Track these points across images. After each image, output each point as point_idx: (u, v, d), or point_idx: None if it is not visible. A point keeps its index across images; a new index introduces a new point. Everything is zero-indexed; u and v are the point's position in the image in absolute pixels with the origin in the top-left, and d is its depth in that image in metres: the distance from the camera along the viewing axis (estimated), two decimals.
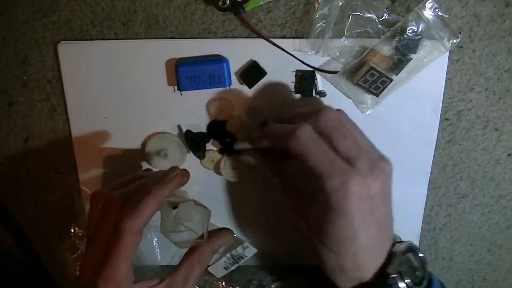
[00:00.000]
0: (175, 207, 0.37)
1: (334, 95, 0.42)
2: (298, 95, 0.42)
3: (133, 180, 0.38)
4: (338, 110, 0.35)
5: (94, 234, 0.34)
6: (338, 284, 0.34)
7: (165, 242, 0.47)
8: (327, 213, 0.32)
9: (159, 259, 0.49)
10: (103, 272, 0.32)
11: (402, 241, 0.35)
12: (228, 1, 0.38)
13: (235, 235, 0.43)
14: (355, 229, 0.32)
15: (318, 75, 0.41)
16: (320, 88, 0.42)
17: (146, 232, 0.45)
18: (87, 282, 0.34)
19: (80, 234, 0.47)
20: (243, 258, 0.48)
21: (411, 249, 0.35)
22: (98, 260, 0.33)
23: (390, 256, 0.34)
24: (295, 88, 0.42)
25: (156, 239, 0.47)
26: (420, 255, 0.35)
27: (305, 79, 0.41)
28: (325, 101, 0.42)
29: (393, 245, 0.35)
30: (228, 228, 0.42)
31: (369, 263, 0.33)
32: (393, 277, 0.33)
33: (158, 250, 0.48)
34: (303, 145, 0.33)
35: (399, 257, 0.33)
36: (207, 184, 0.45)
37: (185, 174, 0.40)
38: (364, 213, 0.32)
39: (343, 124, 0.33)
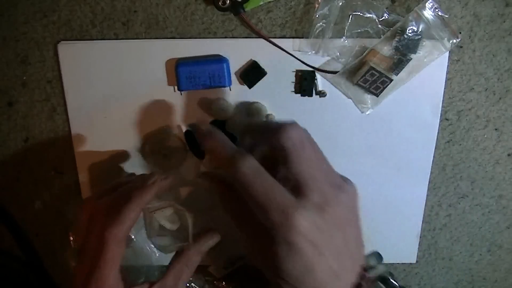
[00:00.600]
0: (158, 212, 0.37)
1: (334, 95, 0.42)
2: (298, 95, 0.42)
3: (118, 186, 0.38)
4: (301, 128, 0.33)
5: (83, 244, 0.35)
6: None
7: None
8: (276, 248, 0.31)
9: (157, 259, 0.48)
10: (92, 282, 0.33)
11: (373, 268, 0.34)
12: (228, 1, 0.38)
13: (219, 238, 0.43)
14: (309, 262, 0.31)
15: (318, 75, 0.41)
16: (320, 88, 0.42)
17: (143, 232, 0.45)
18: None
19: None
20: (243, 258, 0.48)
21: (382, 277, 0.34)
22: (88, 269, 0.33)
23: (357, 286, 0.33)
24: (295, 88, 0.42)
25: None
26: (393, 282, 0.34)
27: (305, 79, 0.41)
28: (325, 101, 0.42)
29: (361, 275, 0.33)
30: (213, 230, 0.42)
31: None
32: None
33: (156, 250, 0.48)
34: (244, 177, 0.31)
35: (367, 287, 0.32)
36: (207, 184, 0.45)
37: (167, 177, 0.38)
38: (315, 245, 0.30)
39: (301, 145, 0.32)
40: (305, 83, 0.41)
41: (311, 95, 0.42)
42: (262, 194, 0.30)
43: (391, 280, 0.34)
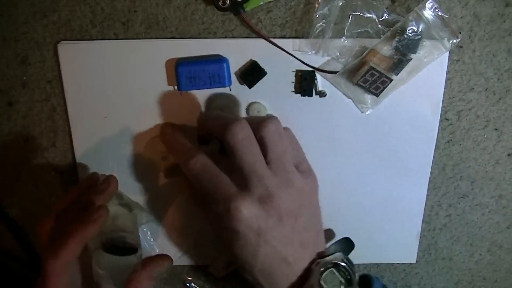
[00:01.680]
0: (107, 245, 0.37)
1: (334, 95, 0.42)
2: (298, 95, 0.42)
3: (73, 197, 0.38)
4: (261, 122, 0.35)
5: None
6: None
7: (165, 242, 0.47)
8: (224, 233, 0.34)
9: None
10: None
11: (328, 255, 0.36)
12: (228, 1, 0.38)
13: (173, 263, 0.43)
14: (254, 247, 0.33)
15: (318, 75, 0.41)
16: (320, 88, 0.42)
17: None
18: None
19: None
20: None
21: (335, 264, 0.35)
22: None
23: (308, 272, 0.35)
24: (295, 88, 0.42)
25: (152, 239, 0.47)
26: (342, 264, 0.35)
27: (305, 79, 0.41)
28: (325, 101, 0.42)
29: (314, 261, 0.35)
30: (166, 255, 0.43)
31: (281, 279, 0.35)
32: None
33: (157, 250, 0.48)
34: (194, 175, 0.35)
35: (317, 273, 0.34)
36: None
37: (105, 213, 0.36)
38: (257, 233, 0.33)
39: (246, 144, 0.34)
40: (305, 83, 0.41)
41: (311, 95, 0.42)
42: (210, 187, 0.34)
43: (344, 265, 0.35)
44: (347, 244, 0.39)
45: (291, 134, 0.39)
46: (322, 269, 0.35)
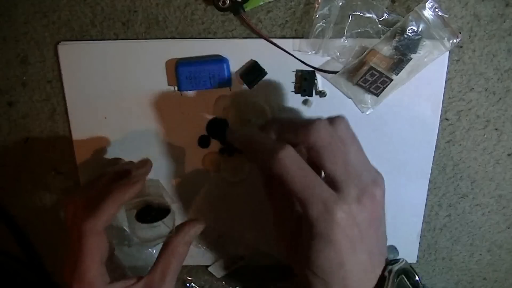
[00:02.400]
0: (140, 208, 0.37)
1: (334, 95, 0.42)
2: (298, 95, 0.42)
3: (102, 177, 0.38)
4: (334, 120, 0.33)
5: (69, 239, 0.35)
6: None
7: None
8: (312, 241, 0.31)
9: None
10: (75, 274, 0.33)
11: (396, 261, 0.34)
12: (228, 1, 0.38)
13: (204, 225, 0.42)
14: (343, 257, 0.31)
15: (318, 75, 0.41)
16: (320, 88, 0.42)
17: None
18: (66, 285, 0.34)
19: None
20: (243, 258, 0.48)
21: (405, 271, 0.34)
22: (72, 263, 0.33)
23: (382, 279, 0.33)
24: (295, 88, 0.42)
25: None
26: (416, 278, 0.34)
27: (305, 79, 0.41)
28: (325, 101, 0.42)
29: (385, 267, 0.33)
30: (198, 219, 0.41)
31: None
32: None
33: (154, 249, 0.48)
34: (285, 169, 0.31)
35: (392, 281, 0.33)
36: (207, 184, 0.45)
37: (143, 178, 0.37)
38: (351, 240, 0.31)
39: (334, 142, 0.32)
40: (305, 83, 0.41)
41: (311, 95, 0.42)
42: (303, 186, 0.31)
43: (414, 273, 0.34)
44: (395, 251, 0.38)
45: None
46: (396, 276, 0.33)
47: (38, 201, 0.47)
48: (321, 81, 0.41)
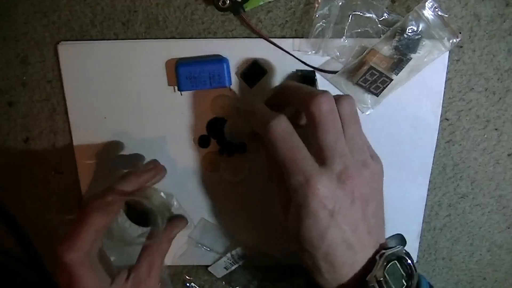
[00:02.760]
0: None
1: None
2: None
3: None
4: (340, 97, 0.33)
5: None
6: (321, 286, 0.34)
7: None
8: (296, 210, 0.32)
9: None
10: None
11: (392, 248, 0.34)
12: (228, 1, 0.38)
13: (189, 222, 0.43)
14: (322, 228, 0.31)
15: (318, 75, 0.41)
16: (320, 88, 0.42)
17: None
18: None
19: None
20: (243, 258, 0.48)
21: (399, 257, 0.34)
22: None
23: (373, 263, 0.33)
24: None
25: None
26: (408, 261, 0.34)
27: (305, 79, 0.41)
28: None
29: (378, 252, 0.33)
30: (181, 215, 0.42)
31: (343, 266, 0.33)
32: (372, 285, 0.32)
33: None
34: (273, 137, 0.32)
35: (382, 265, 0.32)
36: (206, 184, 0.45)
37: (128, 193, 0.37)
38: (330, 213, 0.31)
39: (332, 117, 0.32)
40: (305, 83, 0.41)
41: None
42: (288, 156, 0.32)
43: (408, 261, 0.34)
44: (401, 240, 0.37)
45: None
46: (386, 261, 0.33)
47: (38, 201, 0.47)
48: (321, 81, 0.41)
